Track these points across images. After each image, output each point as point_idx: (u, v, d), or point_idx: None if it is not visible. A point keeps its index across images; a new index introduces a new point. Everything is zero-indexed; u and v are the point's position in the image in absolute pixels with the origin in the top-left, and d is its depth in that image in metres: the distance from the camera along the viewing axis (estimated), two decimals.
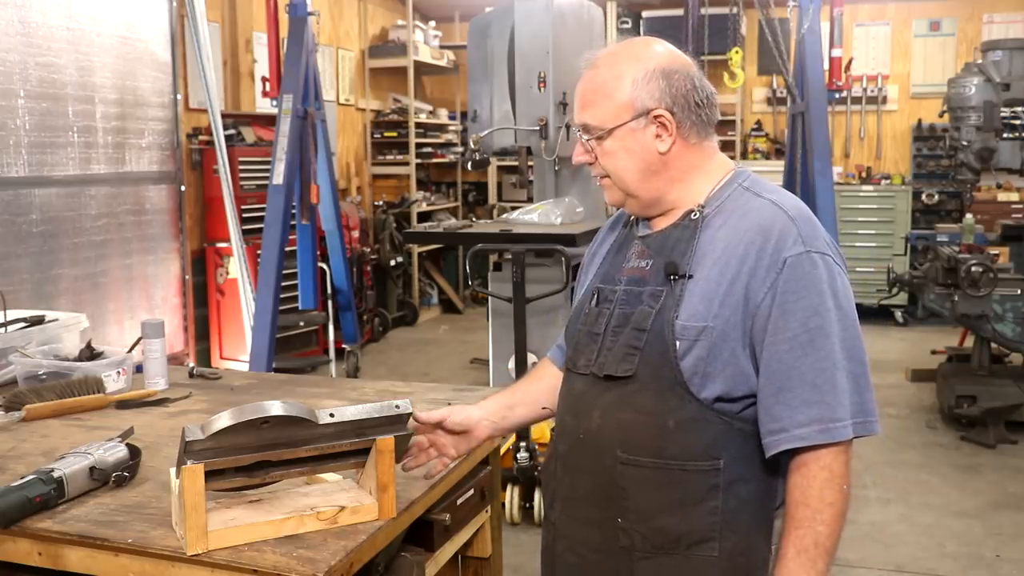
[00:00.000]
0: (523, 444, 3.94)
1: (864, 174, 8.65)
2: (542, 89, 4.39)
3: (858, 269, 7.85)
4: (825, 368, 1.45)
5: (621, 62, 1.56)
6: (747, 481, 1.51)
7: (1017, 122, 6.18)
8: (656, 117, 1.53)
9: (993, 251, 5.64)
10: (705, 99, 1.55)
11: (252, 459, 1.53)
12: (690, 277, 1.51)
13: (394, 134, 8.75)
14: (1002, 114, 5.49)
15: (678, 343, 1.48)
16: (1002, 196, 8.12)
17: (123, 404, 2.33)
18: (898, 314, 8.19)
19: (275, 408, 1.49)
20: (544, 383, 1.82)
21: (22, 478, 1.64)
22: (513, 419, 1.82)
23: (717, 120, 1.59)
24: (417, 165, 8.73)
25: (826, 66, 5.40)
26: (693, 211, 1.56)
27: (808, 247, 1.48)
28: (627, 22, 8.51)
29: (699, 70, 1.58)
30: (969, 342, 5.97)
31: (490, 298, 4.58)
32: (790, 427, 1.45)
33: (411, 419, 1.63)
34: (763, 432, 1.48)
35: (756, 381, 1.49)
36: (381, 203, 8.50)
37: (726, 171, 1.60)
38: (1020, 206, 7.89)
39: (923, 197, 8.44)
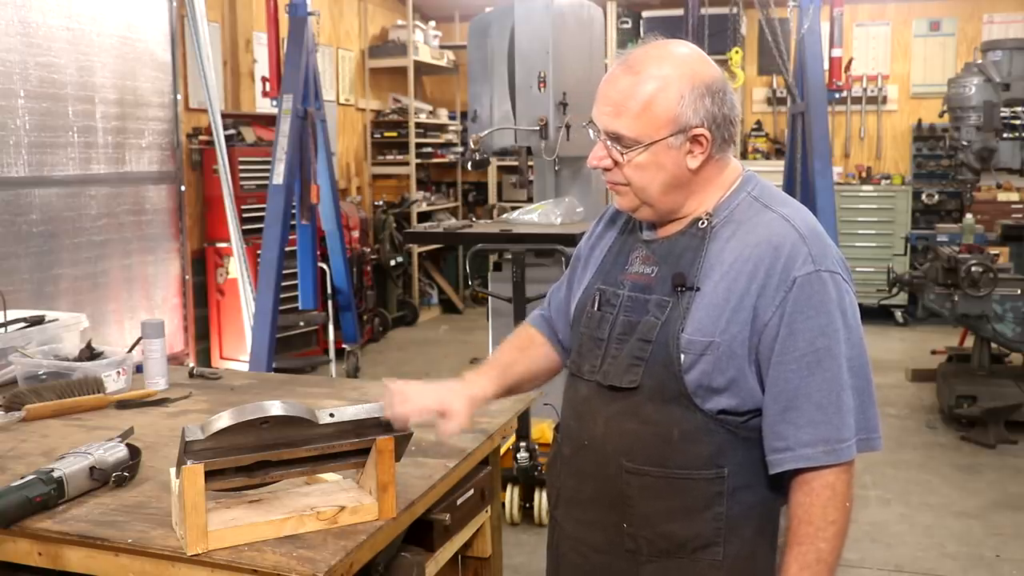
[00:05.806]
0: (523, 444, 3.93)
1: (864, 174, 8.64)
2: (542, 89, 4.38)
3: (858, 269, 7.84)
4: (832, 389, 1.44)
5: (667, 71, 1.47)
6: (751, 487, 1.51)
7: (1017, 122, 6.16)
8: (696, 136, 1.48)
9: (993, 251, 5.63)
10: (735, 117, 1.52)
11: (252, 459, 1.53)
12: (697, 290, 1.48)
13: (394, 134, 8.74)
14: (1002, 114, 5.48)
15: (683, 356, 1.47)
16: (1002, 196, 8.12)
17: (123, 404, 2.33)
18: (898, 314, 8.19)
19: (275, 408, 1.49)
20: (536, 361, 1.82)
21: (22, 478, 1.64)
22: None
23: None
24: (417, 165, 8.72)
25: (826, 66, 5.40)
26: (701, 219, 1.54)
27: (818, 266, 1.46)
28: (627, 22, 8.50)
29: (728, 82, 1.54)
30: (969, 342, 5.96)
31: (490, 298, 4.58)
32: (796, 446, 1.44)
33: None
34: (768, 450, 1.48)
35: (761, 397, 1.48)
36: (381, 203, 8.50)
37: (735, 177, 1.57)
38: (1020, 206, 7.89)
39: (923, 197, 8.43)
